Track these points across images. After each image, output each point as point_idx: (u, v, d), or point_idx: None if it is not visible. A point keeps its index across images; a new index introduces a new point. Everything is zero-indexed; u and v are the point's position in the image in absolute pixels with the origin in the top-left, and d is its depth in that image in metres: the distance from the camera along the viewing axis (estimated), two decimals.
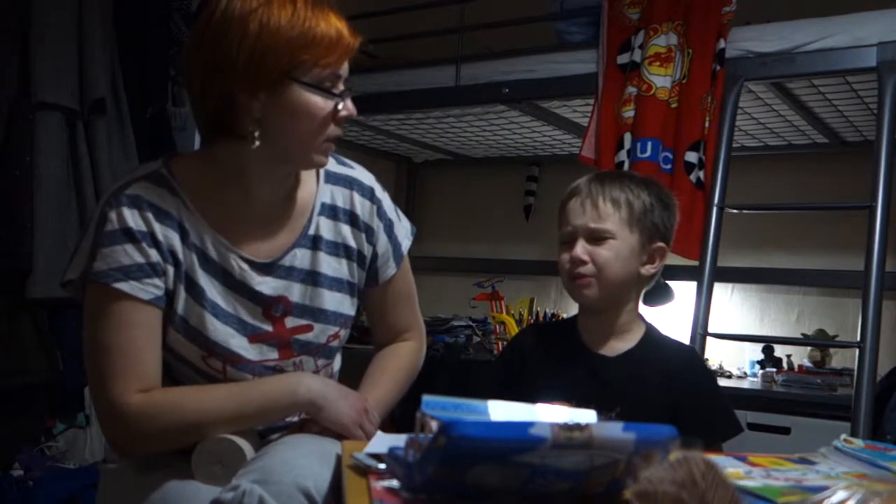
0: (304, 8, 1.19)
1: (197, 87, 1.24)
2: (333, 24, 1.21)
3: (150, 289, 1.19)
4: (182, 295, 1.23)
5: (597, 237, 1.41)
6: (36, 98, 2.29)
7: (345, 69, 1.25)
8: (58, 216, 2.29)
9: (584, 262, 1.41)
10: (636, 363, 1.44)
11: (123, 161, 2.46)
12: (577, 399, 1.40)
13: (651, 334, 1.49)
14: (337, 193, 1.37)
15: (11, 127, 2.27)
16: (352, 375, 1.46)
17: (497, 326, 3.37)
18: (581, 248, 1.41)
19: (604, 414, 1.38)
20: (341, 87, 1.24)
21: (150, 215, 1.21)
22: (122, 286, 1.18)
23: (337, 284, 1.35)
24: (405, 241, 1.44)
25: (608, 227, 1.41)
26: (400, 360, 1.45)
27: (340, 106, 1.23)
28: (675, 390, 1.41)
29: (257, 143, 1.21)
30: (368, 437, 1.18)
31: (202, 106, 1.24)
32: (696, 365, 1.54)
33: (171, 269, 1.22)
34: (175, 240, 1.23)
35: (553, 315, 3.49)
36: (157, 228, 1.21)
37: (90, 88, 2.38)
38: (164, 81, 2.64)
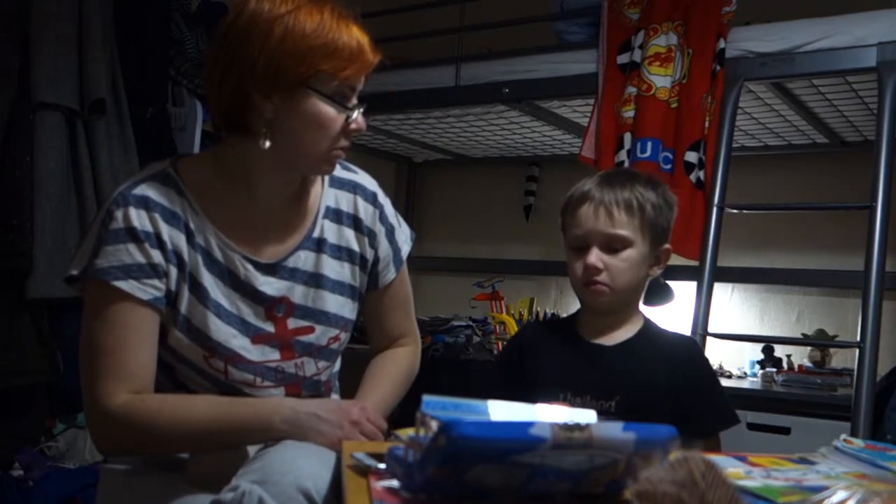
0: (330, 19, 1.20)
1: (214, 82, 1.25)
2: (356, 38, 1.21)
3: (150, 289, 1.19)
4: (186, 295, 1.23)
5: (611, 245, 1.41)
6: (36, 98, 2.29)
7: (360, 83, 1.25)
8: (58, 216, 2.29)
9: (598, 271, 1.41)
10: (635, 351, 1.45)
11: (123, 161, 2.46)
12: (575, 387, 1.41)
13: (650, 326, 1.50)
14: (341, 198, 1.38)
15: (11, 127, 2.28)
16: (352, 375, 1.46)
17: (497, 326, 3.37)
18: (595, 257, 1.41)
19: (603, 402, 1.39)
20: (355, 100, 1.25)
21: (157, 216, 1.21)
22: (122, 284, 1.18)
23: (339, 287, 1.35)
24: (405, 247, 1.45)
25: (624, 233, 1.41)
26: (398, 363, 1.45)
27: (351, 118, 1.23)
28: (675, 378, 1.42)
29: (267, 143, 1.21)
30: (369, 437, 1.18)
31: (217, 101, 1.26)
32: (697, 355, 1.55)
33: (174, 270, 1.22)
34: (181, 240, 1.23)
35: (553, 315, 3.49)
36: (164, 229, 1.21)
37: (90, 88, 2.38)
38: (164, 81, 2.64)
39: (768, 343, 3.18)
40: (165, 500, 1.16)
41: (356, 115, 1.24)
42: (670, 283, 2.32)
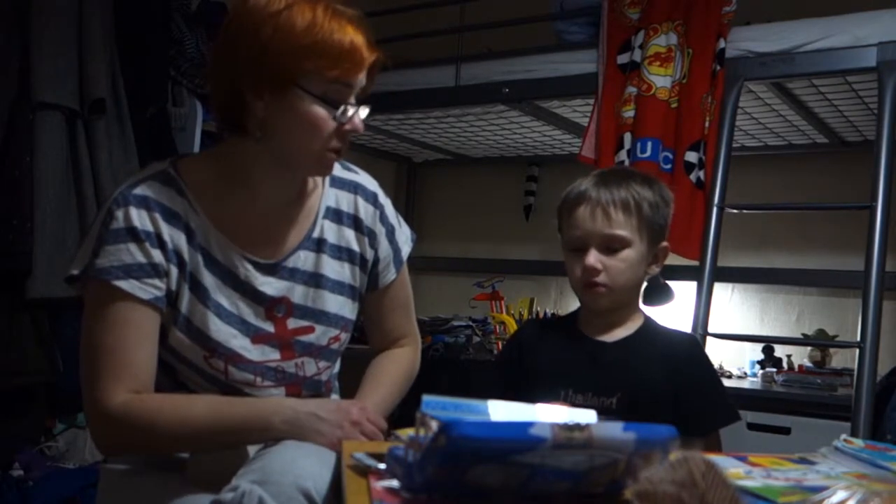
0: (323, 17, 1.18)
1: (212, 81, 1.26)
2: (349, 37, 1.19)
3: (150, 289, 1.20)
4: (186, 295, 1.24)
5: (610, 245, 1.42)
6: (36, 98, 2.29)
7: (359, 83, 1.23)
8: (58, 216, 2.29)
9: (597, 272, 1.41)
10: (635, 348, 1.46)
11: (123, 161, 2.46)
12: (576, 384, 1.41)
13: (650, 324, 1.51)
14: (342, 198, 1.37)
15: (11, 127, 2.27)
16: (352, 375, 1.46)
17: (497, 326, 3.37)
18: (594, 258, 1.41)
19: (604, 399, 1.39)
20: (352, 100, 1.23)
21: (157, 215, 1.21)
22: (122, 284, 1.18)
23: (339, 288, 1.35)
24: (405, 248, 1.45)
25: (622, 233, 1.41)
26: (398, 364, 1.45)
27: (343, 119, 1.21)
28: (676, 375, 1.42)
29: (258, 140, 1.22)
30: (369, 437, 1.18)
31: (215, 100, 1.27)
32: (698, 352, 1.56)
33: (174, 270, 1.22)
34: (181, 240, 1.23)
35: (553, 315, 3.49)
36: (164, 229, 1.22)
37: (90, 88, 2.38)
38: (164, 81, 2.64)
39: (768, 343, 3.17)
40: (165, 500, 1.15)
41: (351, 114, 1.22)
42: (670, 283, 2.31)
